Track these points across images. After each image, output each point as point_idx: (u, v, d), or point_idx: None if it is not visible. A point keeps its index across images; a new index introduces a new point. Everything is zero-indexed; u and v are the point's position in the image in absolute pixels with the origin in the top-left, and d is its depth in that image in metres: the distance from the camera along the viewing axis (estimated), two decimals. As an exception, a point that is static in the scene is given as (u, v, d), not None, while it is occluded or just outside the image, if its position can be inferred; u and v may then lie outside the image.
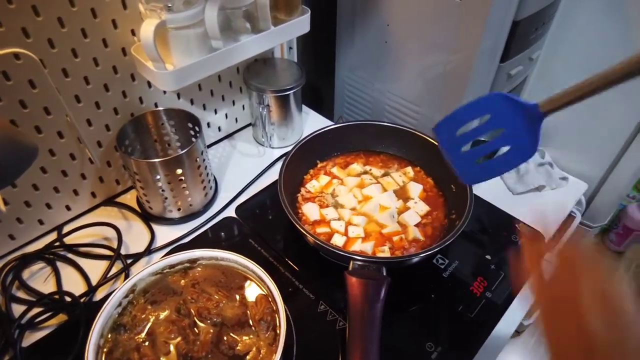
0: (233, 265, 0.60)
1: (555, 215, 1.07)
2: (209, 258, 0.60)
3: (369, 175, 0.82)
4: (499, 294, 0.67)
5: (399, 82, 0.97)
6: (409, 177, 0.83)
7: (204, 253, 0.60)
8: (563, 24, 0.94)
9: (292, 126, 0.98)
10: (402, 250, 0.68)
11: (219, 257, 0.60)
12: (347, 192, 0.79)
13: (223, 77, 0.92)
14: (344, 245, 0.69)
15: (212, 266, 0.61)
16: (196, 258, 0.60)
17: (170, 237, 0.80)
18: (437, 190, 0.80)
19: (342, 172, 0.83)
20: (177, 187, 0.77)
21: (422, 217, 0.74)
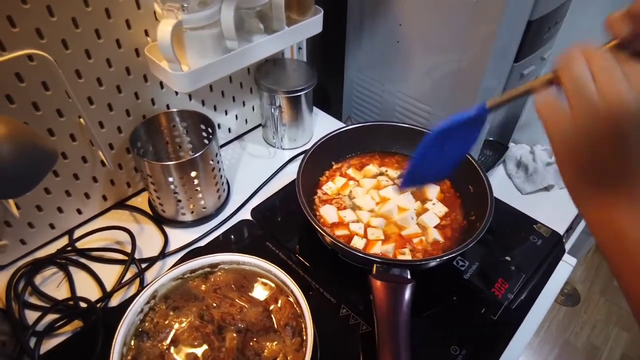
0: (255, 270, 0.59)
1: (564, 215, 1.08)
2: (230, 262, 0.59)
3: (385, 177, 0.82)
4: (520, 295, 0.66)
5: (409, 82, 0.96)
6: None
7: (225, 257, 0.59)
8: (572, 23, 0.94)
9: (302, 127, 0.97)
10: (423, 253, 0.68)
11: (241, 262, 0.59)
12: (364, 193, 0.78)
13: (234, 78, 0.91)
14: (364, 248, 0.68)
15: (234, 271, 0.60)
16: (217, 262, 0.59)
17: (184, 240, 0.79)
18: (454, 192, 0.79)
19: (357, 173, 0.83)
20: (190, 190, 0.76)
21: (441, 218, 0.74)
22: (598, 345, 1.78)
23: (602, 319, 1.85)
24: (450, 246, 0.69)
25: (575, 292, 1.90)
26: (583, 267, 2.00)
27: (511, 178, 1.18)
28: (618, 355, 1.75)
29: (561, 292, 1.86)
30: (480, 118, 0.46)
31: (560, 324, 1.82)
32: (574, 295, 1.89)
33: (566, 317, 1.84)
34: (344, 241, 0.68)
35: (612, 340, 1.79)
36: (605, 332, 1.81)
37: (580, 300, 1.89)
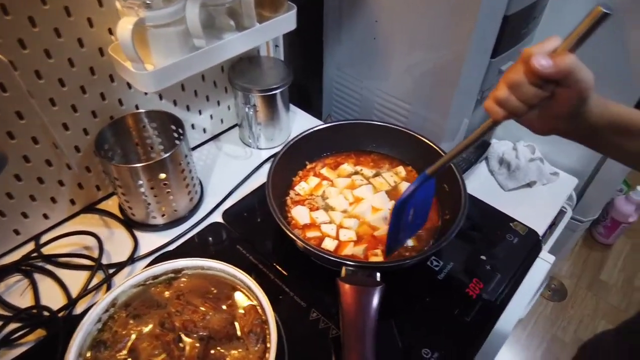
0: (220, 275, 0.57)
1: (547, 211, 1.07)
2: (194, 267, 0.58)
3: (360, 176, 0.80)
4: (495, 295, 0.65)
5: (388, 80, 0.95)
6: (401, 177, 0.81)
7: (188, 262, 0.57)
8: (552, 18, 0.93)
9: (279, 126, 0.95)
10: (396, 254, 0.66)
11: (205, 267, 0.57)
12: (337, 193, 0.76)
13: (207, 76, 0.89)
14: (336, 250, 0.67)
15: (198, 276, 0.58)
16: (181, 268, 0.58)
17: (155, 244, 0.77)
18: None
19: (332, 173, 0.81)
20: (160, 192, 0.74)
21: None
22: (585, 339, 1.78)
23: (589, 313, 1.85)
24: (423, 247, 0.68)
25: (562, 287, 1.90)
26: (570, 262, 2.00)
27: (494, 175, 1.17)
28: (605, 350, 1.75)
29: (548, 287, 1.86)
30: (429, 181, 0.57)
31: (548, 319, 1.82)
32: (561, 290, 1.89)
33: (553, 312, 1.84)
34: (315, 243, 0.66)
35: (599, 334, 1.79)
36: (592, 327, 1.81)
37: (567, 295, 1.89)
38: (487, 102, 0.45)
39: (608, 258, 2.03)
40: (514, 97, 0.42)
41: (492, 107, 0.44)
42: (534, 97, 0.42)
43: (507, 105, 0.43)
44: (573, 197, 1.21)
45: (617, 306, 1.85)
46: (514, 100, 0.42)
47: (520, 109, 0.43)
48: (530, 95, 0.42)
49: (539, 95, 0.42)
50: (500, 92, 0.43)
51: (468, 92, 0.87)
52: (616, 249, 2.07)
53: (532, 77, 0.41)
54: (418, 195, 0.56)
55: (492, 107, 0.44)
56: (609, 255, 2.04)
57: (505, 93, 0.43)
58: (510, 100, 0.43)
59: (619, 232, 1.96)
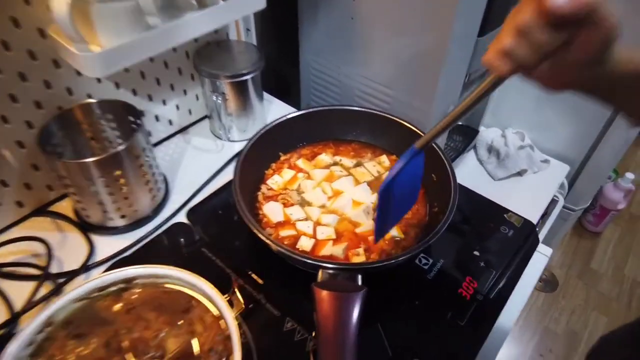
0: (178, 284, 0.50)
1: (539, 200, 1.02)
2: (147, 276, 0.50)
3: (339, 167, 0.73)
4: (490, 295, 0.59)
5: (369, 64, 0.88)
6: (384, 166, 0.74)
7: (141, 270, 0.50)
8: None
9: (252, 116, 0.88)
10: (380, 253, 0.59)
11: (160, 275, 0.50)
12: (314, 187, 0.69)
13: (170, 62, 0.81)
14: (313, 250, 0.60)
15: (152, 286, 0.50)
16: (132, 277, 0.50)
17: (114, 249, 0.69)
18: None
19: (308, 164, 0.74)
20: (116, 191, 0.66)
21: (401, 212, 0.66)
22: (577, 330, 1.75)
23: (581, 303, 1.82)
24: (411, 244, 0.61)
25: (553, 277, 1.87)
26: (560, 252, 1.97)
27: (483, 164, 1.11)
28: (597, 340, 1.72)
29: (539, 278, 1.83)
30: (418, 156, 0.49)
31: (540, 310, 1.79)
32: (552, 280, 1.86)
33: (545, 304, 1.80)
34: (290, 243, 0.59)
35: (591, 324, 1.76)
36: (584, 317, 1.78)
37: (558, 285, 1.85)
38: (488, 55, 0.36)
39: (598, 246, 2.00)
40: (523, 46, 0.34)
41: (495, 60, 0.35)
42: (549, 44, 0.33)
43: (514, 57, 0.34)
44: (565, 185, 1.16)
45: (607, 295, 1.83)
46: (523, 49, 0.34)
47: (531, 60, 0.34)
48: (543, 42, 0.33)
49: (554, 40, 0.33)
50: (505, 41, 0.34)
51: (454, 75, 0.80)
52: (605, 236, 2.04)
53: (545, 18, 0.32)
54: (406, 172, 0.50)
55: (494, 61, 0.35)
56: (599, 244, 2.01)
57: (511, 41, 0.34)
58: (518, 49, 0.34)
59: (608, 220, 1.94)
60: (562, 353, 1.67)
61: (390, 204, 0.53)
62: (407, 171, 0.50)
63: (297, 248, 0.58)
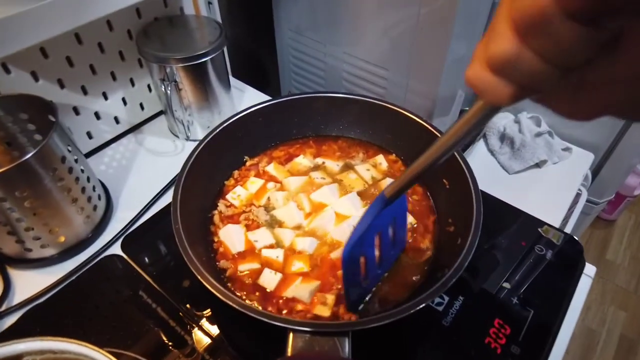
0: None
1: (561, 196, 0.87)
2: (39, 352, 0.34)
3: (321, 173, 0.57)
4: (529, 344, 0.43)
5: (359, 42, 0.71)
6: (381, 170, 0.58)
7: (29, 345, 0.34)
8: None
9: (217, 108, 0.71)
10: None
11: (57, 350, 0.34)
12: (287, 200, 0.53)
13: (106, 44, 0.64)
14: (279, 288, 0.44)
15: (51, 364, 0.35)
16: (17, 354, 0.34)
17: (37, 287, 0.53)
18: (422, 190, 0.55)
19: (281, 170, 0.58)
20: (26, 214, 0.50)
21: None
22: (594, 327, 1.62)
23: (597, 298, 1.69)
24: (416, 276, 0.45)
25: (566, 272, 1.74)
26: (573, 244, 1.83)
27: (495, 155, 0.96)
28: (616, 338, 1.60)
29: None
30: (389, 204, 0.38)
31: (553, 309, 1.66)
32: (566, 275, 1.73)
33: (558, 301, 1.67)
34: (251, 278, 0.43)
35: (609, 321, 1.63)
36: (601, 313, 1.65)
37: (572, 280, 1.72)
38: (473, 70, 0.21)
39: (612, 236, 1.86)
40: (532, 53, 0.19)
41: (485, 78, 0.21)
42: (579, 48, 0.18)
43: (517, 72, 0.20)
44: (588, 176, 1.01)
45: (626, 288, 1.70)
46: (533, 60, 0.19)
47: (546, 77, 0.19)
48: (568, 44, 0.18)
49: (586, 41, 0.18)
50: (501, 44, 0.19)
51: (465, 48, 0.64)
52: (620, 225, 1.91)
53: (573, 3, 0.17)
54: (380, 223, 0.40)
55: (484, 80, 0.21)
56: (613, 233, 1.87)
57: (512, 45, 0.19)
58: (524, 59, 0.19)
59: (623, 207, 1.80)
60: (579, 353, 1.54)
61: (359, 271, 0.41)
62: (381, 221, 0.39)
63: (251, 307, 0.40)
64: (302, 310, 0.43)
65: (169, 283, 0.49)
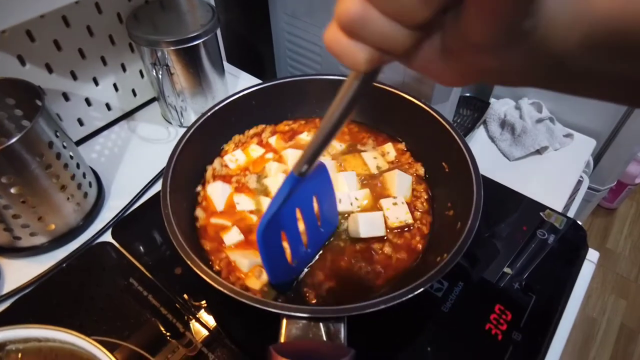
0: (70, 348, 0.33)
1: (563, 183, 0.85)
2: (24, 340, 0.33)
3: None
4: (531, 330, 0.42)
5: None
6: (388, 160, 0.56)
7: (13, 333, 0.33)
8: None
9: (210, 93, 0.70)
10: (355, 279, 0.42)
11: (42, 338, 0.33)
12: (279, 172, 0.51)
13: (95, 27, 0.62)
14: (233, 248, 0.43)
15: (36, 353, 0.34)
16: (0, 342, 0.33)
17: (27, 276, 0.52)
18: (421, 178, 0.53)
19: (282, 144, 0.56)
20: (13, 202, 0.48)
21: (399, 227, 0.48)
22: (595, 316, 1.62)
23: (597, 287, 1.68)
24: (412, 260, 0.44)
25: (567, 261, 1.73)
26: (574, 233, 1.82)
27: (495, 142, 0.94)
28: (617, 326, 1.59)
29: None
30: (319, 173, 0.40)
31: (553, 297, 1.65)
32: (566, 264, 1.72)
33: (559, 290, 1.67)
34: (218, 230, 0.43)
35: (609, 309, 1.63)
36: (602, 302, 1.64)
37: (572, 269, 1.71)
38: (329, 33, 0.20)
39: (613, 224, 1.85)
40: (378, 12, 0.18)
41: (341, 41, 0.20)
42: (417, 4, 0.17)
43: (367, 33, 0.19)
44: (590, 163, 0.99)
45: (626, 277, 1.69)
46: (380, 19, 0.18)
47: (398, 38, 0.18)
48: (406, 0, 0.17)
49: None
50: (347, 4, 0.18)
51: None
52: (621, 213, 1.89)
53: None
54: (299, 200, 0.39)
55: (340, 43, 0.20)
56: (614, 221, 1.86)
57: (356, 4, 0.18)
58: (371, 19, 0.18)
59: (624, 196, 1.78)
60: (579, 342, 1.54)
61: (291, 244, 0.41)
62: (300, 197, 0.39)
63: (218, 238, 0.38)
64: (239, 278, 0.43)
65: (161, 271, 0.48)
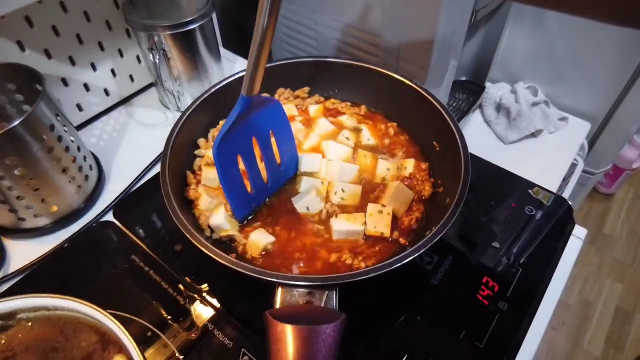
0: (78, 317, 0.35)
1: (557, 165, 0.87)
2: (34, 309, 0.35)
3: (352, 134, 0.56)
4: (517, 300, 0.44)
5: (351, 9, 0.70)
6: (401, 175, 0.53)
7: (23, 302, 0.35)
8: None
9: (207, 79, 0.71)
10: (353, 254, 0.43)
11: (51, 307, 0.35)
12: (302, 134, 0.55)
13: (92, 13, 0.63)
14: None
15: (44, 322, 0.35)
16: (11, 311, 0.35)
17: (30, 256, 0.54)
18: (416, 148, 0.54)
19: (319, 115, 0.59)
20: (17, 184, 0.50)
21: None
22: (592, 300, 1.64)
23: (594, 271, 1.70)
24: (408, 232, 0.45)
25: (564, 245, 1.74)
26: (571, 218, 1.84)
27: (491, 125, 0.95)
28: (613, 309, 1.62)
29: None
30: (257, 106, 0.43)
31: (550, 281, 1.67)
32: (563, 249, 1.73)
33: (556, 274, 1.69)
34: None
35: (605, 293, 1.65)
36: (598, 286, 1.66)
37: (569, 253, 1.73)
38: None
39: (611, 209, 1.87)
40: None
41: None
42: None
43: None
44: (585, 146, 1.00)
45: (623, 261, 1.71)
46: None
47: None
48: None
49: None
50: None
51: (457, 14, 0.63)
52: (618, 198, 1.91)
53: None
54: (256, 127, 0.44)
55: None
56: (612, 207, 1.88)
57: None
58: None
59: (622, 181, 1.79)
60: (575, 324, 1.57)
61: (235, 170, 0.44)
62: (257, 126, 0.43)
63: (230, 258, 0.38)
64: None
65: (162, 246, 0.50)
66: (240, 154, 0.44)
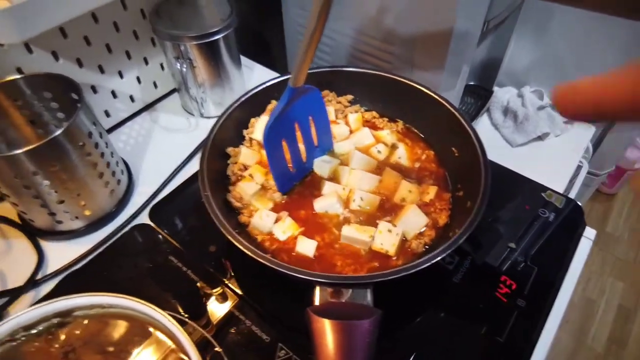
0: (130, 314, 0.38)
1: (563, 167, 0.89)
2: (89, 307, 0.38)
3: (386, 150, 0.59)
4: (534, 298, 0.47)
5: (365, 17, 0.73)
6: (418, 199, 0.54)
7: (81, 300, 0.37)
8: None
9: (229, 85, 0.73)
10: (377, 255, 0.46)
11: (106, 304, 0.37)
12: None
13: (121, 23, 0.66)
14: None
15: (98, 319, 0.38)
16: (69, 309, 0.37)
17: (68, 257, 0.57)
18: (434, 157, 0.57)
19: (359, 125, 0.63)
20: (58, 187, 0.53)
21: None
22: (594, 298, 1.67)
23: (597, 270, 1.73)
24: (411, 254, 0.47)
25: (567, 244, 1.77)
26: (573, 217, 1.87)
27: (498, 129, 0.98)
28: (615, 307, 1.64)
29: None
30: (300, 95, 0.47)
31: (553, 280, 1.70)
32: (566, 248, 1.76)
33: (559, 272, 1.72)
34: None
35: (608, 291, 1.68)
36: (601, 284, 1.69)
37: (572, 252, 1.76)
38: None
39: (613, 209, 1.90)
40: None
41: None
42: None
43: None
44: (589, 148, 1.03)
45: (625, 259, 1.74)
46: None
47: None
48: None
49: None
50: None
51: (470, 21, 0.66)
52: (620, 198, 1.93)
53: None
54: (297, 114, 0.49)
55: None
56: (614, 206, 1.91)
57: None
58: None
59: (624, 181, 1.82)
60: (578, 322, 1.60)
61: (291, 152, 0.51)
62: (296, 111, 0.48)
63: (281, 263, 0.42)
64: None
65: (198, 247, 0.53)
66: (285, 138, 0.50)
